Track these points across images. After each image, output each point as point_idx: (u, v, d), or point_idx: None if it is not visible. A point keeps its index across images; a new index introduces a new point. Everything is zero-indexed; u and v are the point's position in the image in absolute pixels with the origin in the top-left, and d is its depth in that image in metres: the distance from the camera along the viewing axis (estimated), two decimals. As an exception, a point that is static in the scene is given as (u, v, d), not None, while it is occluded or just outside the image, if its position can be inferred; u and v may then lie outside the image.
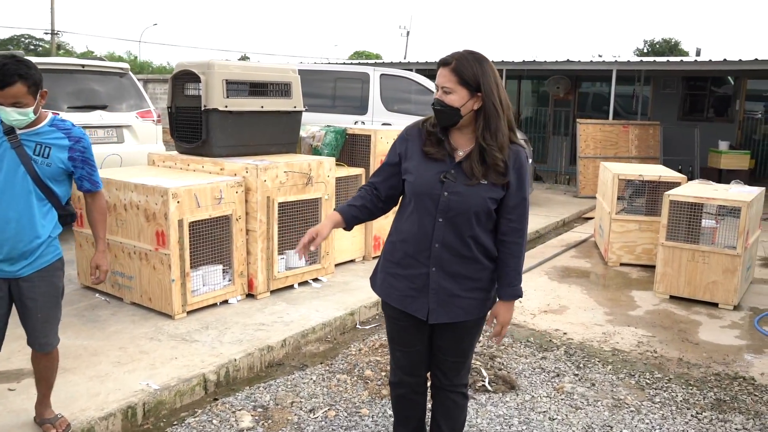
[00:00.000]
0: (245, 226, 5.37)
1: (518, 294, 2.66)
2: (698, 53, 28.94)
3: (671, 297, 6.02)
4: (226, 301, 5.29)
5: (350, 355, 4.57)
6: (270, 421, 3.64)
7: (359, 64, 14.27)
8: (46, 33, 45.11)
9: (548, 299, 5.95)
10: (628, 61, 13.19)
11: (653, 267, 6.45)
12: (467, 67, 2.48)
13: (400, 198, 2.78)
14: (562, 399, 4.00)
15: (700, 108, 15.13)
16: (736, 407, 3.96)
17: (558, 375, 4.34)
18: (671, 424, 3.72)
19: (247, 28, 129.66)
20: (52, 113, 3.29)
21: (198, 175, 5.41)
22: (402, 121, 9.81)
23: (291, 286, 5.75)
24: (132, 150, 7.62)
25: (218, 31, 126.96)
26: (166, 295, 4.90)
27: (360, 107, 10.27)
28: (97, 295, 5.42)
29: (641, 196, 7.34)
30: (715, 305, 5.79)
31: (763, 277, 6.86)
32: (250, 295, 5.48)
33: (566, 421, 3.72)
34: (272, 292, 5.58)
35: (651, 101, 15.28)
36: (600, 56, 14.82)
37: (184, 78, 5.80)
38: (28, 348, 3.26)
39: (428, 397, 3.01)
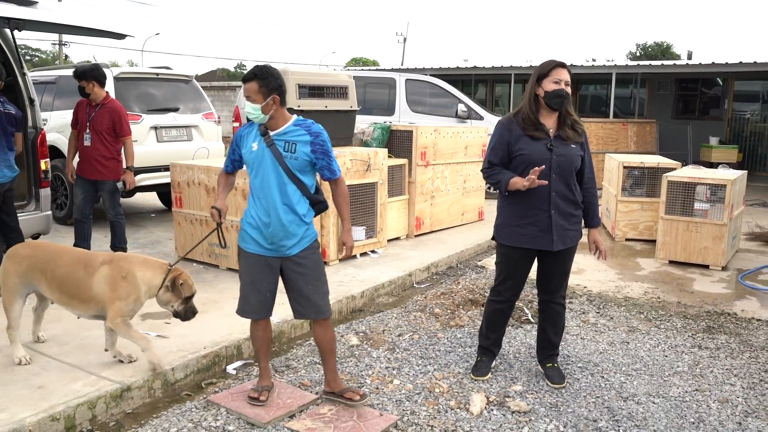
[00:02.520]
0: (320, 204, 6.52)
1: (600, 222, 4.00)
2: (690, 56, 30.04)
3: (670, 262, 7.19)
4: (305, 267, 6.42)
5: (418, 301, 5.74)
6: (371, 341, 4.80)
7: (384, 70, 15.48)
8: (54, 44, 46.34)
9: (568, 264, 7.12)
10: (626, 65, 14.45)
11: (654, 241, 7.61)
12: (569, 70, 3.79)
13: None
14: (588, 327, 5.17)
15: (692, 107, 16.39)
16: (721, 330, 5.13)
17: (583, 313, 5.51)
18: (673, 341, 4.89)
19: (246, 36, 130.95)
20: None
21: (280, 163, 6.55)
22: (424, 121, 11.00)
23: (354, 256, 6.90)
24: (199, 146, 8.76)
25: (218, 39, 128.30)
26: (261, 259, 6.03)
27: (388, 109, 11.45)
28: (194, 264, 6.54)
29: (640, 187, 8.49)
30: (706, 267, 6.97)
31: (748, 248, 8.05)
32: (323, 263, 6.61)
33: (594, 340, 4.89)
34: (340, 260, 6.73)
35: (647, 101, 16.54)
36: (594, 60, 16.08)
37: (260, 83, 6.95)
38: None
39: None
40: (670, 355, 4.64)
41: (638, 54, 57.47)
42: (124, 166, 6.31)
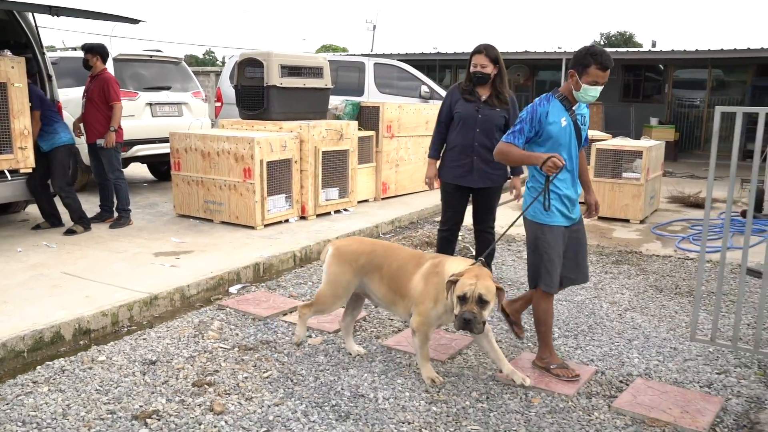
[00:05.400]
0: (300, 167, 7.63)
1: (522, 172, 5.11)
2: (653, 45, 31.53)
3: (599, 217, 8.46)
4: (287, 220, 7.54)
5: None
6: (344, 269, 5.95)
7: (355, 55, 16.57)
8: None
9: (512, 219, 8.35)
10: (574, 51, 15.70)
11: (587, 201, 8.87)
12: (492, 52, 4.86)
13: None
14: (521, 261, 6.39)
15: (636, 91, 17.83)
16: (626, 262, 6.41)
17: (519, 251, 6.73)
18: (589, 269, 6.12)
19: (214, 23, 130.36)
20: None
21: (265, 132, 7.64)
22: (390, 101, 12.12)
23: (329, 213, 8.03)
24: (188, 122, 9.78)
25: (187, 25, 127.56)
26: (250, 213, 7.13)
27: (358, 90, 12.53)
28: (191, 219, 7.61)
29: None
30: (627, 221, 8.26)
31: (667, 208, 9.37)
32: (302, 218, 7.74)
33: (524, 269, 6.10)
34: (317, 215, 7.86)
35: (597, 86, 17.89)
36: (560, 48, 17.38)
37: (246, 63, 8.03)
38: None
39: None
40: (582, 277, 5.89)
41: (602, 43, 59.16)
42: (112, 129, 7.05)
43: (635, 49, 18.13)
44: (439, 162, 5.22)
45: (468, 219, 5.29)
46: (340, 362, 3.98)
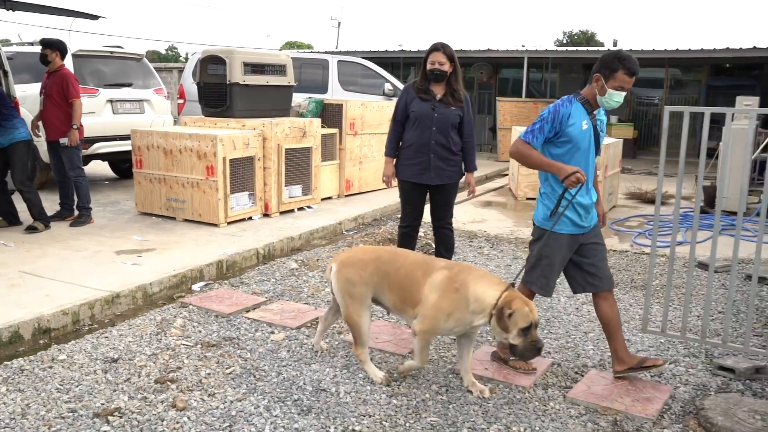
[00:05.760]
0: (263, 165, 7.63)
1: (476, 168, 5.17)
2: (615, 44, 32.07)
3: (558, 214, 8.63)
4: (250, 218, 7.54)
5: (346, 240, 6.97)
6: (308, 266, 6.00)
7: (319, 53, 16.56)
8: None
9: (474, 216, 8.49)
10: (536, 49, 15.97)
11: (548, 197, 9.05)
12: (449, 50, 4.92)
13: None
14: (482, 256, 6.51)
15: (598, 90, 18.17)
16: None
17: (480, 247, 6.85)
18: (545, 264, 6.27)
19: (177, 18, 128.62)
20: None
21: (228, 130, 7.62)
22: (354, 99, 12.17)
23: (292, 210, 8.05)
24: (150, 119, 9.68)
25: (149, 20, 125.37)
26: (213, 210, 7.11)
27: (321, 88, 12.55)
28: (153, 217, 7.56)
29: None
30: (586, 217, 8.44)
31: (625, 204, 9.60)
32: (266, 215, 7.75)
33: (484, 264, 6.22)
34: (281, 213, 7.87)
35: (558, 84, 18.19)
36: (523, 46, 17.64)
37: (208, 60, 7.99)
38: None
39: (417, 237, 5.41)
40: (541, 272, 6.02)
41: (564, 41, 59.91)
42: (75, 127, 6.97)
43: (596, 48, 18.45)
44: (395, 160, 5.29)
45: (427, 215, 5.37)
46: (303, 357, 4.03)
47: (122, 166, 10.46)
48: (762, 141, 9.72)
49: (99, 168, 11.16)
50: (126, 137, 8.34)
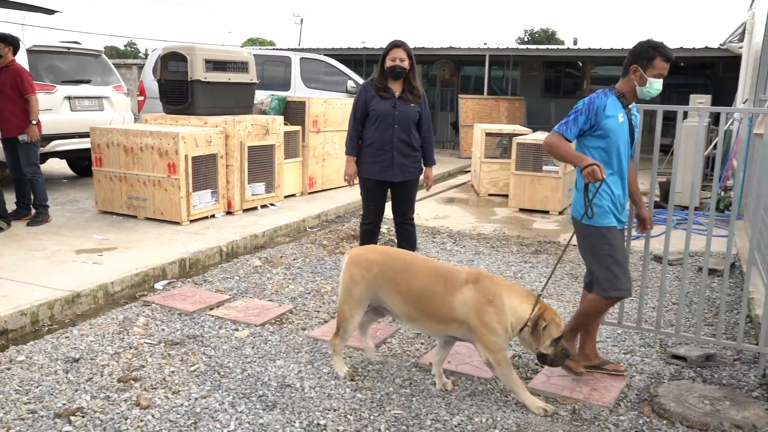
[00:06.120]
0: (226, 162, 7.59)
1: (435, 162, 5.26)
2: (575, 42, 32.56)
3: (520, 209, 8.79)
4: (213, 216, 7.49)
5: (310, 238, 6.98)
6: (271, 263, 6.00)
7: (281, 49, 16.47)
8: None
9: (437, 212, 8.58)
10: (498, 47, 16.15)
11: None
12: (407, 47, 4.98)
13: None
14: (445, 252, 6.58)
15: (557, 87, 18.47)
16: (544, 252, 6.70)
17: (443, 243, 6.93)
18: (507, 259, 6.39)
19: (136, 14, 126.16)
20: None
21: (190, 127, 7.56)
22: (317, 96, 12.16)
23: (255, 208, 8.02)
24: (110, 116, 9.54)
25: (107, 14, 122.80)
26: (176, 208, 7.05)
27: (284, 85, 12.51)
28: (114, 216, 7.46)
29: (507, 154, 10.04)
30: (547, 212, 8.61)
31: (584, 200, 9.79)
32: (228, 213, 7.71)
33: (447, 260, 6.30)
34: (244, 210, 7.84)
35: (519, 81, 18.44)
36: (485, 44, 17.80)
37: (169, 57, 7.91)
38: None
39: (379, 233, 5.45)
40: (503, 267, 6.13)
41: (526, 39, 60.61)
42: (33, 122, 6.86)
43: (556, 47, 18.73)
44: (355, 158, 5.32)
45: (388, 211, 5.42)
46: (267, 354, 4.04)
47: (81, 164, 10.28)
48: (714, 138, 10.02)
49: (57, 166, 10.94)
50: (85, 135, 8.22)
